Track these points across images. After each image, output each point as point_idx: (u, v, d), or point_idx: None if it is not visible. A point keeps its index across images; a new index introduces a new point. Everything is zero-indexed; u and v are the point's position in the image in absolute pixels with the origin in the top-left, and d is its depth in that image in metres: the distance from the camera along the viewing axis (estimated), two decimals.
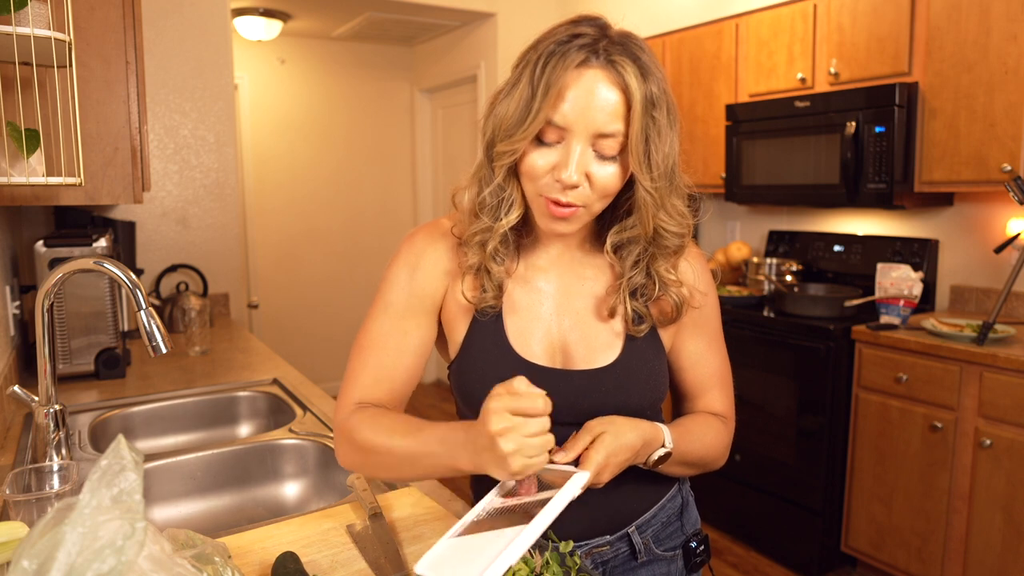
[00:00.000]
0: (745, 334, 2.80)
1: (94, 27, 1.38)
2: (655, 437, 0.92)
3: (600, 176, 0.85)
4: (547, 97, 0.82)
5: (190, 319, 2.34)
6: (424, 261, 0.98)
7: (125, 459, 0.61)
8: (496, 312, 0.95)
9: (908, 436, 2.37)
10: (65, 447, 1.27)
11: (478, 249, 0.93)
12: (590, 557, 1.00)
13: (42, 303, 1.21)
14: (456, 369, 0.99)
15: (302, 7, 4.15)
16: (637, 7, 3.65)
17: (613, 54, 0.82)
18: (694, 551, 1.07)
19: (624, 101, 0.82)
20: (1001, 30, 2.25)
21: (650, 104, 0.83)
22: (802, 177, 2.82)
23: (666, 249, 0.93)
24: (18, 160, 1.17)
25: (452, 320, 0.99)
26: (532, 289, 0.98)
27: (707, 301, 1.02)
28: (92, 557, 0.56)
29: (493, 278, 0.93)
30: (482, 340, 0.95)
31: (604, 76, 0.82)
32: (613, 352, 0.95)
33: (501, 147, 0.87)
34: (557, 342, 0.96)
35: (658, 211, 0.89)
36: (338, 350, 5.10)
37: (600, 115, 0.82)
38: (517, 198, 0.91)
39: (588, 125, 0.82)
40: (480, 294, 0.94)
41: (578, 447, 0.85)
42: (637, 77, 0.82)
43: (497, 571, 0.68)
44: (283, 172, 4.90)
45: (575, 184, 0.84)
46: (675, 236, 0.92)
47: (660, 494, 1.05)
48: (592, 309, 0.97)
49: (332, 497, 1.41)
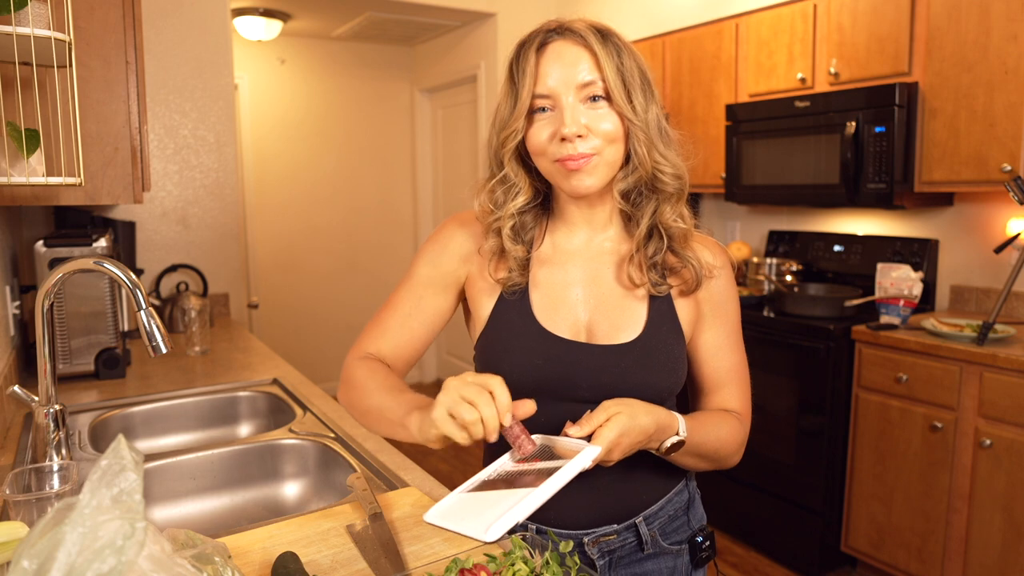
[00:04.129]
0: (745, 334, 2.78)
1: (94, 27, 1.38)
2: (670, 424, 0.94)
3: (597, 121, 0.93)
4: (525, 76, 0.94)
5: (190, 319, 2.34)
6: (452, 242, 1.07)
7: (125, 459, 0.61)
8: (522, 290, 1.02)
9: (908, 436, 2.37)
10: (65, 447, 1.27)
11: (495, 234, 1.02)
12: (597, 546, 1.02)
13: (42, 303, 1.21)
14: (481, 343, 1.04)
15: (302, 7, 4.15)
16: (637, 7, 3.65)
17: (572, 26, 0.95)
18: (700, 546, 1.09)
19: (591, 54, 0.93)
20: (1001, 30, 2.25)
21: (616, 54, 0.93)
22: (802, 177, 2.82)
23: (667, 195, 0.99)
24: (18, 160, 1.17)
25: (478, 297, 1.05)
26: (560, 271, 1.03)
27: (723, 287, 1.05)
28: (92, 557, 0.56)
29: (512, 257, 1.00)
30: (507, 314, 1.02)
31: (568, 42, 0.94)
32: (635, 330, 0.99)
33: (503, 134, 0.97)
34: (583, 321, 1.01)
35: (651, 148, 0.96)
36: (338, 350, 5.10)
37: (574, 69, 0.93)
38: (523, 184, 1.00)
39: (568, 81, 0.92)
40: (506, 274, 1.01)
41: (593, 423, 0.87)
42: (596, 35, 0.94)
43: (504, 526, 0.71)
44: (283, 172, 4.90)
45: (577, 134, 0.91)
46: (673, 178, 0.98)
47: (668, 487, 1.07)
48: (616, 282, 1.02)
49: (332, 497, 1.41)
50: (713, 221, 3.74)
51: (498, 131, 0.98)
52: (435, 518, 0.77)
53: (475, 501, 0.79)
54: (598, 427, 0.86)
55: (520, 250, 1.01)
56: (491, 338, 1.02)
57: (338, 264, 5.14)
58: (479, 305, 1.05)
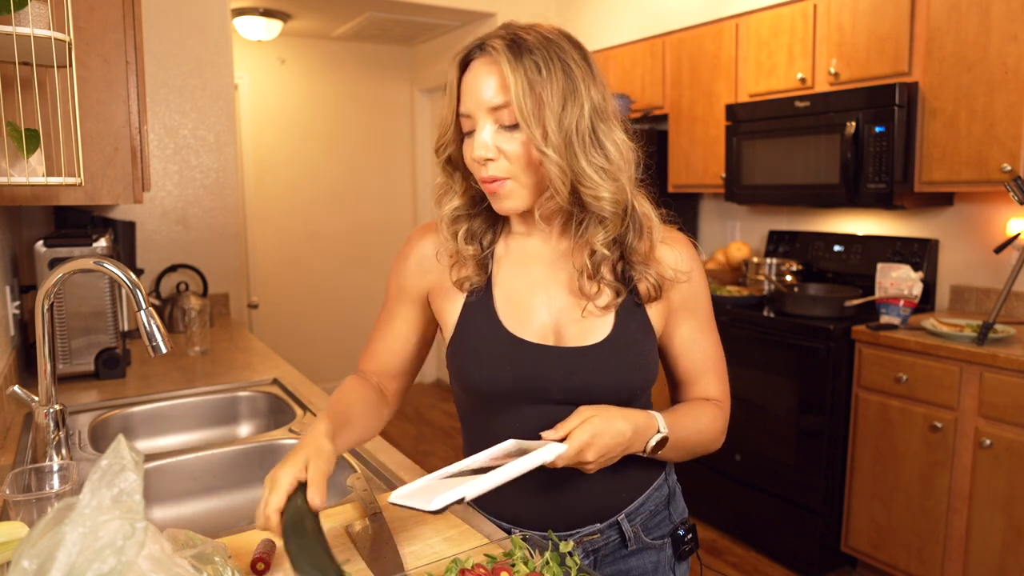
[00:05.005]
0: (745, 334, 2.80)
1: (94, 27, 1.38)
2: (648, 425, 0.94)
3: (508, 146, 0.92)
4: (451, 96, 0.95)
5: (190, 319, 2.34)
6: (411, 256, 1.09)
7: (125, 459, 0.61)
8: (483, 290, 1.02)
9: (908, 436, 2.37)
10: (65, 447, 1.27)
11: (451, 237, 1.03)
12: (581, 546, 1.03)
13: (42, 303, 1.21)
14: (450, 351, 1.04)
15: (302, 7, 4.15)
16: (637, 7, 3.65)
17: (490, 42, 0.92)
18: (682, 539, 1.10)
19: (500, 76, 0.90)
20: (1001, 30, 2.25)
21: (532, 69, 0.89)
22: (802, 177, 2.82)
23: (600, 218, 0.95)
24: (18, 160, 1.17)
25: (443, 305, 1.06)
26: (522, 272, 1.03)
27: (694, 284, 1.04)
28: (92, 557, 0.56)
29: (466, 257, 1.02)
30: (474, 321, 1.02)
31: (483, 62, 0.92)
32: (604, 331, 0.99)
33: (436, 143, 1.01)
34: (550, 323, 1.01)
35: (565, 175, 0.91)
36: (338, 349, 5.10)
37: (486, 92, 0.91)
38: (457, 189, 1.02)
39: (480, 103, 0.92)
40: (465, 274, 1.03)
41: (567, 427, 0.89)
42: (508, 53, 0.90)
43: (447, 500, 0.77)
44: (283, 172, 4.90)
45: (486, 157, 0.92)
46: (608, 202, 0.93)
47: (648, 482, 1.08)
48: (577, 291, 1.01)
49: (332, 497, 1.41)
50: (713, 221, 3.74)
51: (437, 138, 1.00)
52: (398, 498, 0.82)
53: (436, 485, 0.84)
54: (572, 430, 0.88)
55: (471, 249, 1.01)
56: (459, 346, 1.03)
57: (338, 264, 5.14)
58: (445, 313, 1.05)
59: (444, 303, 1.05)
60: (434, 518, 1.06)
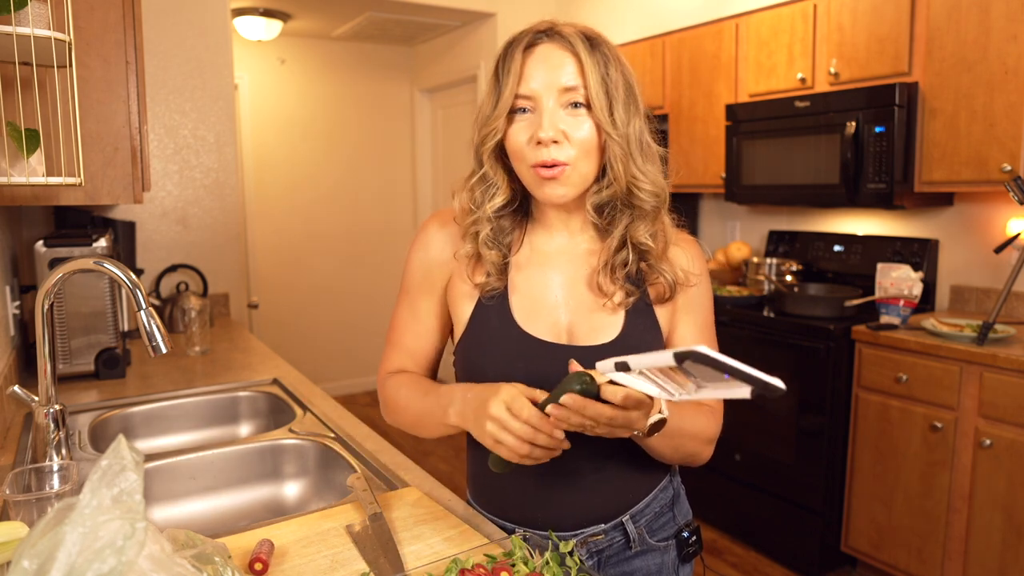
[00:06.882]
0: (745, 334, 2.80)
1: (94, 27, 1.38)
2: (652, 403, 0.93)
3: (574, 130, 0.93)
4: (510, 75, 0.94)
5: (190, 319, 2.34)
6: (433, 245, 1.07)
7: (125, 459, 0.61)
8: (501, 294, 1.02)
9: (908, 436, 2.37)
10: (65, 447, 1.27)
11: (472, 238, 1.01)
12: (585, 546, 1.03)
13: (42, 303, 1.21)
14: (461, 346, 1.04)
15: (302, 7, 4.15)
16: (637, 7, 3.65)
17: (561, 31, 0.94)
18: (686, 541, 1.10)
19: (577, 61, 0.92)
20: (1001, 30, 2.25)
21: (603, 63, 0.93)
22: (802, 177, 2.82)
23: (643, 211, 0.98)
24: (18, 160, 1.17)
25: (457, 300, 1.05)
26: (539, 274, 1.04)
27: (699, 287, 1.05)
28: (92, 557, 0.56)
29: (487, 262, 1.01)
30: (487, 318, 1.02)
31: (555, 45, 0.94)
32: (614, 331, 1.00)
33: (483, 131, 0.97)
34: (563, 323, 1.01)
35: (628, 163, 0.95)
36: (338, 349, 5.10)
37: (557, 72, 0.92)
38: (501, 184, 1.00)
39: (550, 84, 0.92)
40: (484, 279, 1.01)
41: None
42: (584, 42, 0.93)
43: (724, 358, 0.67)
44: (283, 172, 4.90)
45: (553, 139, 0.92)
46: (649, 195, 0.97)
47: (653, 484, 1.08)
48: (593, 289, 1.02)
49: (332, 497, 1.41)
50: (713, 221, 3.74)
51: (479, 128, 0.98)
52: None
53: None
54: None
55: (495, 255, 1.01)
56: (471, 341, 1.03)
57: (338, 264, 5.14)
58: (458, 308, 1.05)
59: (460, 298, 1.05)
60: (435, 518, 1.06)
